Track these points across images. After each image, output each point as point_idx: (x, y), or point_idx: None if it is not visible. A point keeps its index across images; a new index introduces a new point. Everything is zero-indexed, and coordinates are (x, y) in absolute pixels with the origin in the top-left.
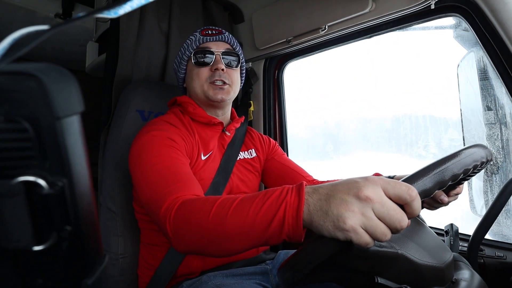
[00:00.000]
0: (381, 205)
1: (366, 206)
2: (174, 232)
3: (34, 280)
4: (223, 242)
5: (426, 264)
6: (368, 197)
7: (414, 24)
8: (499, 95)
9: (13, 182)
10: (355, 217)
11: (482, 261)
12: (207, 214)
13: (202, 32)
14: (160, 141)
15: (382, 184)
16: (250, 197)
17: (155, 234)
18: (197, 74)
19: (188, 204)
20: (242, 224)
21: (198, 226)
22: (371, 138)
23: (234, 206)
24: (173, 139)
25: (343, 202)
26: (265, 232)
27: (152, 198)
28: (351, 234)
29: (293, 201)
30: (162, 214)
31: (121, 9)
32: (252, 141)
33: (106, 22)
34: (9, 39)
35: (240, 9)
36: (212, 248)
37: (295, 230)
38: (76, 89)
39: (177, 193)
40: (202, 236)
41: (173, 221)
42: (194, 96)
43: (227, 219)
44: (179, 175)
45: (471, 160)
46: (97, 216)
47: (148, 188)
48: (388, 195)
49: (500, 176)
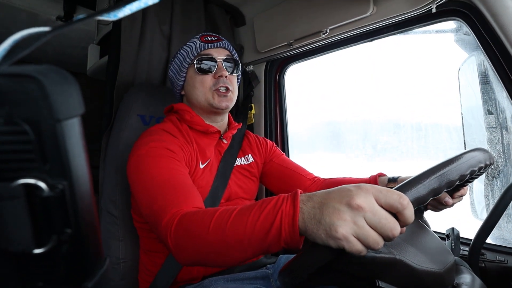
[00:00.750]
0: (373, 213)
1: (357, 215)
2: (176, 245)
3: (34, 283)
4: (224, 252)
5: (424, 270)
6: (360, 205)
7: (415, 27)
8: (500, 99)
9: (13, 185)
10: (347, 225)
11: (483, 266)
12: (207, 227)
13: (201, 38)
14: (158, 152)
15: (374, 192)
16: (248, 207)
17: (154, 241)
18: (201, 81)
19: (188, 217)
20: (242, 233)
21: (199, 239)
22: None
23: (233, 216)
24: (172, 150)
25: (335, 210)
26: (265, 240)
27: (152, 211)
28: (343, 242)
29: (288, 210)
30: (163, 228)
31: (121, 12)
32: (249, 146)
33: (108, 25)
34: (10, 40)
35: (242, 13)
36: (213, 260)
37: (292, 237)
38: (76, 91)
39: (177, 207)
40: (203, 248)
41: (174, 235)
42: (194, 104)
43: (226, 230)
44: (179, 187)
45: (466, 166)
46: (97, 219)
47: (148, 201)
48: (380, 204)
49: (501, 180)
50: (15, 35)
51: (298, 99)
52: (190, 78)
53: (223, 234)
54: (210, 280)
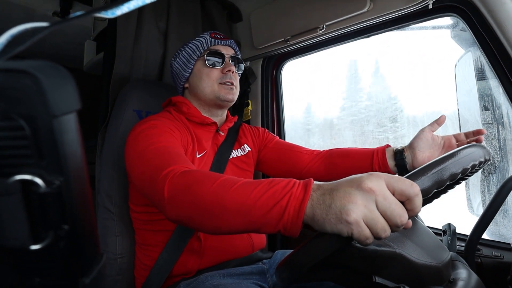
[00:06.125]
0: (384, 198)
1: (369, 198)
2: (171, 197)
3: (32, 279)
4: (218, 217)
5: (423, 264)
6: (371, 188)
7: (412, 24)
8: (496, 95)
9: (9, 181)
10: (358, 209)
11: (479, 261)
12: (209, 186)
13: (211, 35)
14: (157, 127)
15: (386, 178)
16: (255, 181)
17: (149, 234)
18: (208, 74)
19: (191, 173)
20: (242, 203)
21: (197, 196)
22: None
23: (238, 185)
24: (170, 128)
25: (346, 194)
26: (263, 217)
27: (149, 171)
28: (353, 226)
29: (299, 194)
30: (161, 178)
31: (119, 9)
32: (245, 137)
33: (104, 21)
34: (7, 35)
35: (239, 8)
36: (204, 221)
37: (294, 222)
38: (72, 87)
39: (178, 164)
40: (198, 206)
41: (172, 186)
42: (199, 95)
43: (227, 195)
44: (178, 155)
45: (469, 159)
46: (94, 215)
47: (145, 164)
48: (392, 190)
49: (497, 175)
50: (12, 29)
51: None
52: (197, 71)
53: (223, 197)
54: (206, 276)
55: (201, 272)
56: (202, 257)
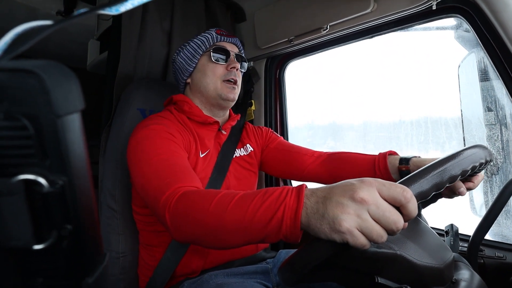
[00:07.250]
0: (376, 206)
1: (361, 208)
2: (173, 223)
3: (35, 279)
4: (221, 236)
5: (424, 265)
6: (363, 199)
7: (416, 24)
8: (499, 96)
9: (13, 181)
10: (351, 219)
11: (482, 262)
12: (207, 208)
13: (217, 31)
14: (158, 134)
15: (378, 186)
16: (250, 194)
17: (153, 235)
18: (212, 70)
19: (189, 195)
20: (241, 220)
21: (197, 219)
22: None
23: (234, 202)
24: (171, 133)
25: (339, 204)
26: (263, 230)
27: (151, 189)
28: (347, 236)
29: (292, 204)
30: (162, 204)
31: (123, 6)
32: (248, 137)
33: (108, 20)
34: (11, 33)
35: (242, 8)
36: (209, 241)
37: (293, 231)
38: (76, 86)
39: (177, 184)
40: (200, 229)
41: (173, 212)
42: (201, 91)
43: (226, 214)
44: (178, 167)
45: (469, 161)
46: (97, 215)
47: (147, 180)
48: (384, 197)
49: (500, 176)
50: (16, 28)
51: (299, 95)
52: (202, 66)
53: (222, 218)
54: (210, 275)
55: (205, 272)
56: (207, 257)
